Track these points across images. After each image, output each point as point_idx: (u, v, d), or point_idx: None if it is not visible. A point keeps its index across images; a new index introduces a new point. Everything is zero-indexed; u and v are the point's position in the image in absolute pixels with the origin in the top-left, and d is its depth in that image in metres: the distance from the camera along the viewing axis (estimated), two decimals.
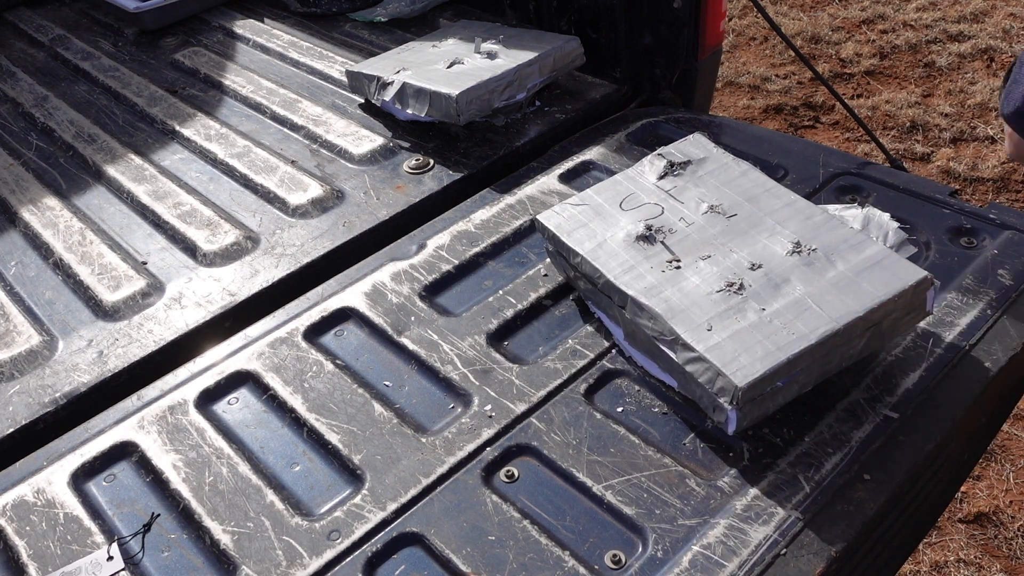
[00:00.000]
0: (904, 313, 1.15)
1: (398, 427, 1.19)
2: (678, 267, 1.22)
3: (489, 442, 1.16)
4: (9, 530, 1.11)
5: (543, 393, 1.22)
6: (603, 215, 1.34)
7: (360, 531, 1.06)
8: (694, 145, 1.44)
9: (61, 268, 1.58)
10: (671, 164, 1.40)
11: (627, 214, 1.33)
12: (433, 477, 1.12)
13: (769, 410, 1.11)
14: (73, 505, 1.14)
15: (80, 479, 1.18)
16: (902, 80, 3.96)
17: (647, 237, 1.28)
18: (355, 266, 1.51)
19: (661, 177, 1.39)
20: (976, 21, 4.31)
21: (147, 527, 1.10)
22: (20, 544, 1.09)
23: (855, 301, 1.11)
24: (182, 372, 1.33)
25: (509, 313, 1.36)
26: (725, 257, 1.22)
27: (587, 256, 1.27)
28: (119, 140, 1.94)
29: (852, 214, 1.35)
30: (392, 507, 1.09)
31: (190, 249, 1.59)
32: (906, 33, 4.26)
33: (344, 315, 1.40)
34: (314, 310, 1.40)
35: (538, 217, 1.37)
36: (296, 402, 1.25)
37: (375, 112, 1.95)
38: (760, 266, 1.19)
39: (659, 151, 1.43)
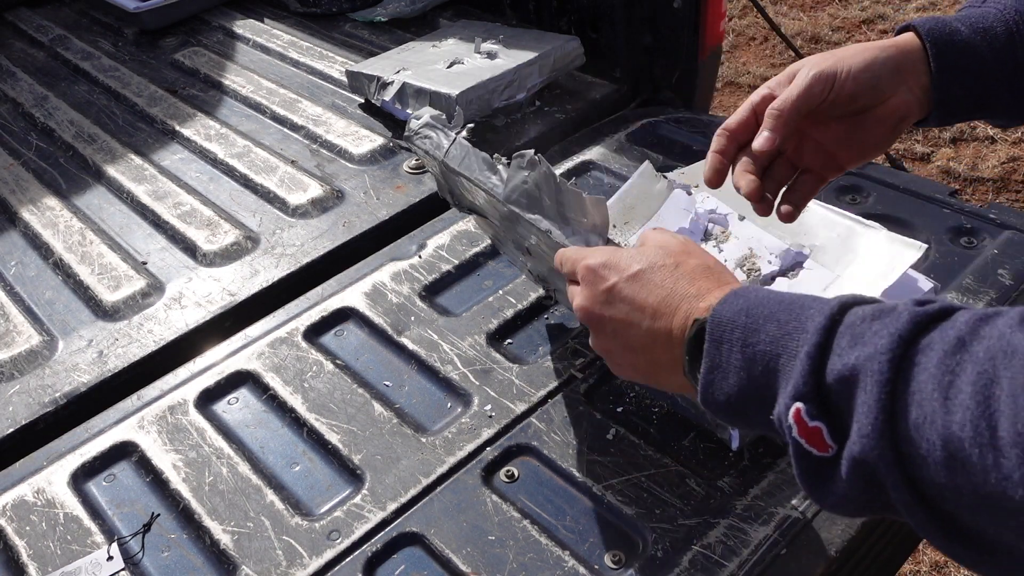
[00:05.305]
0: None
1: (398, 427, 1.19)
2: None
3: (489, 442, 1.16)
4: (9, 530, 1.11)
5: (543, 393, 1.22)
6: None
7: (360, 531, 1.06)
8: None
9: (61, 268, 1.58)
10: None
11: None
12: (433, 477, 1.12)
13: None
14: (73, 505, 1.14)
15: (80, 479, 1.18)
16: None
17: None
18: (355, 266, 1.50)
19: None
20: None
21: (147, 527, 1.10)
22: (20, 544, 1.09)
23: None
24: (182, 372, 1.33)
25: (509, 313, 1.36)
26: None
27: None
28: (119, 140, 1.94)
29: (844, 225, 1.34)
30: (392, 507, 1.09)
31: (190, 249, 1.59)
32: None
33: (344, 315, 1.40)
34: (314, 310, 1.40)
35: None
36: (296, 402, 1.25)
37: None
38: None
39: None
